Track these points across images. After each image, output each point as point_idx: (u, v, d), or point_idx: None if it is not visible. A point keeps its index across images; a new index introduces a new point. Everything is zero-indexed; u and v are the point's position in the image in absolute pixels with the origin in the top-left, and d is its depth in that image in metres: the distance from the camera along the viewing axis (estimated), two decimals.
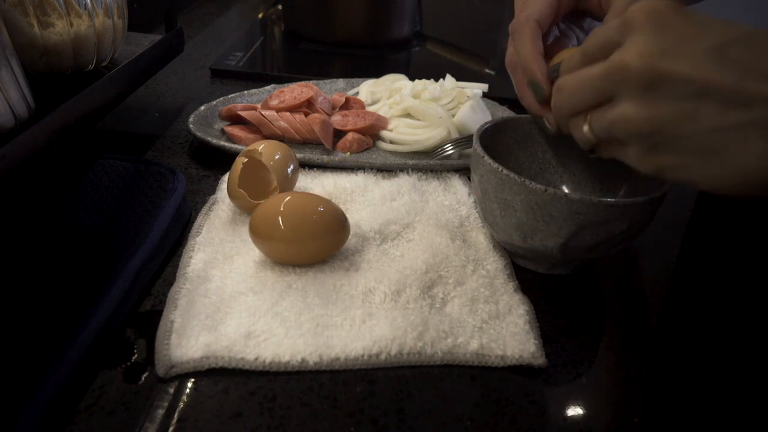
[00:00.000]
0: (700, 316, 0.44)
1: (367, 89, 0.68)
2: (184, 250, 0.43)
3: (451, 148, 0.57)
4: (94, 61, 0.52)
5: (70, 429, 0.30)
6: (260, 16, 1.08)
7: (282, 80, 0.72)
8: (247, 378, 0.34)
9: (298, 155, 0.54)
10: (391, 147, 0.59)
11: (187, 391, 0.33)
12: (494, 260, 0.45)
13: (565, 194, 0.38)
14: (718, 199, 0.59)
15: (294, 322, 0.37)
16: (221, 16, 1.07)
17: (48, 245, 0.41)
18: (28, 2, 0.46)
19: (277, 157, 0.47)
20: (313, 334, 0.36)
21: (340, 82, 0.71)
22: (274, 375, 0.34)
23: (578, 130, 0.37)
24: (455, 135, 0.58)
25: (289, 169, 0.48)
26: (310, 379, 0.35)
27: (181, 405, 0.32)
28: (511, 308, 0.40)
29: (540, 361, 0.36)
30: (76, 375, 0.32)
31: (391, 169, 0.56)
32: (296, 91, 0.61)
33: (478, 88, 0.68)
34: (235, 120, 0.60)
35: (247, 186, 0.46)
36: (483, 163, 0.42)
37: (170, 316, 0.36)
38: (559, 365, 0.37)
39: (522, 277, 0.44)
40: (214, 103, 0.62)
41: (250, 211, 0.44)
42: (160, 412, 0.32)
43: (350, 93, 0.69)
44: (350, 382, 0.35)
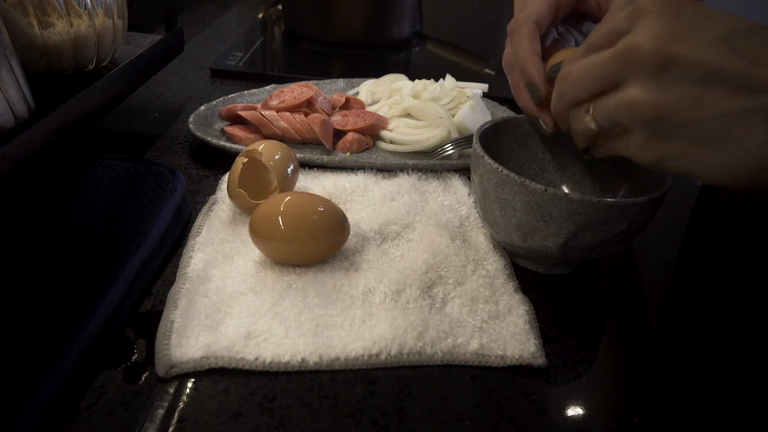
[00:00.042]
0: (700, 316, 0.44)
1: (367, 89, 0.68)
2: (184, 250, 0.43)
3: (451, 148, 0.57)
4: (94, 61, 0.52)
5: (70, 429, 0.30)
6: (260, 16, 1.08)
7: (282, 80, 0.72)
8: (247, 378, 0.34)
9: (298, 155, 0.54)
10: (391, 147, 0.59)
11: (187, 391, 0.33)
12: (494, 260, 0.45)
13: (565, 194, 0.38)
14: (718, 199, 0.59)
15: (294, 322, 0.37)
16: (221, 16, 1.07)
17: (48, 245, 0.41)
18: (28, 2, 0.45)
19: (277, 157, 0.47)
20: (313, 334, 0.36)
21: (340, 82, 0.71)
22: (274, 375, 0.34)
23: (579, 121, 0.37)
24: (455, 135, 0.58)
25: (289, 169, 0.48)
26: (310, 379, 0.35)
27: (181, 405, 0.32)
28: (511, 308, 0.40)
29: (540, 361, 0.36)
30: (76, 375, 0.32)
31: (391, 169, 0.56)
32: (296, 91, 0.61)
33: (478, 88, 0.68)
34: (235, 120, 0.60)
35: (247, 186, 0.46)
36: (483, 163, 0.42)
37: (170, 316, 0.36)
38: (559, 365, 0.37)
39: (522, 277, 0.44)
40: (214, 103, 0.62)
41: (250, 211, 0.44)
42: (160, 412, 0.32)
43: (350, 93, 0.69)
44: (350, 382, 0.35)
